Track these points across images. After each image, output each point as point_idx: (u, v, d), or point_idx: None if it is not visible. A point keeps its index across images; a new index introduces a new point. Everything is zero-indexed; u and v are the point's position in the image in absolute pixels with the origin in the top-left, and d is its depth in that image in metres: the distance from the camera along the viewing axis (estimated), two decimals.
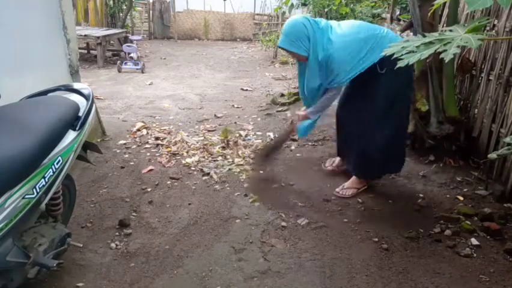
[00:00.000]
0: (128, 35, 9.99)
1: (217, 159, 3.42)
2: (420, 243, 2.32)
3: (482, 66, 3.27)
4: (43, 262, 1.68)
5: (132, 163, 3.36)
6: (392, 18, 4.72)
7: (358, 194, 2.85)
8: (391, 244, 2.30)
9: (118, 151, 3.59)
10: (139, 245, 2.26)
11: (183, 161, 3.39)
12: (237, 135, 4.02)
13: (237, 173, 3.18)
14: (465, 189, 2.94)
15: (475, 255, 2.21)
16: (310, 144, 3.80)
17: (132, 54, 7.98)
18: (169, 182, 3.03)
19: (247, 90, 6.42)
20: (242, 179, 3.08)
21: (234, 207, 2.68)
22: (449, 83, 3.29)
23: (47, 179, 1.58)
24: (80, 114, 1.84)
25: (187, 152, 3.58)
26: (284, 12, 12.43)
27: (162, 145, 3.73)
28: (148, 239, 2.33)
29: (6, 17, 2.61)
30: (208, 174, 3.16)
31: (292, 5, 9.99)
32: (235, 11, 15.07)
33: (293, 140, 3.98)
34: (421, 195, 2.86)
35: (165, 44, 12.86)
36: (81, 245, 2.19)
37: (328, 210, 2.66)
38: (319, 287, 1.96)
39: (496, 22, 3.13)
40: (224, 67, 8.72)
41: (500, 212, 2.55)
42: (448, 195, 2.87)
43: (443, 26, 3.49)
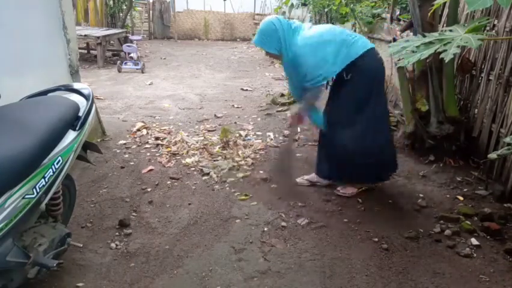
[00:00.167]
0: (128, 35, 9.99)
1: (217, 159, 3.42)
2: (420, 243, 2.33)
3: (482, 66, 3.27)
4: (43, 262, 1.68)
5: (132, 163, 3.36)
6: (392, 18, 4.71)
7: (358, 194, 2.84)
8: (391, 244, 2.30)
9: (118, 151, 3.59)
10: (139, 245, 2.26)
11: (183, 161, 3.39)
12: (237, 135, 4.02)
13: (237, 173, 3.18)
14: (465, 189, 2.94)
15: (475, 255, 2.22)
16: (310, 144, 3.80)
17: (132, 54, 7.97)
18: (169, 182, 3.03)
19: (247, 90, 6.42)
20: (242, 179, 3.09)
21: (234, 207, 2.68)
22: (449, 83, 3.29)
23: (47, 179, 1.58)
24: (80, 114, 1.84)
25: (187, 152, 3.58)
26: (284, 12, 12.43)
27: (162, 145, 3.73)
28: (148, 239, 2.33)
29: (6, 17, 2.61)
30: (208, 174, 3.16)
31: (292, 5, 10.00)
32: (235, 11, 15.07)
33: (293, 140, 3.98)
34: (421, 195, 2.86)
35: (165, 44, 12.86)
36: (81, 245, 2.20)
37: (328, 210, 2.66)
38: (319, 287, 1.96)
39: (496, 22, 3.13)
40: (224, 67, 8.72)
41: (500, 212, 2.56)
42: (448, 195, 2.87)
43: (443, 26, 3.49)
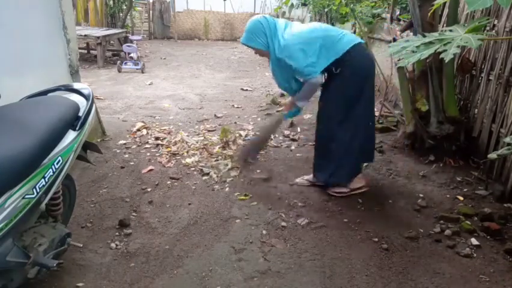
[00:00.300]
0: (128, 35, 9.99)
1: (217, 159, 3.42)
2: (420, 243, 2.33)
3: (482, 66, 3.27)
4: (43, 262, 1.68)
5: (132, 163, 3.36)
6: (392, 18, 4.71)
7: (358, 194, 2.84)
8: (391, 244, 2.30)
9: (118, 151, 3.59)
10: (139, 245, 2.26)
11: (183, 161, 3.39)
12: (237, 135, 4.02)
13: (237, 173, 3.18)
14: (465, 189, 2.94)
15: (475, 255, 2.22)
16: (310, 144, 3.80)
17: (132, 54, 7.97)
18: (169, 182, 3.03)
19: (247, 90, 6.42)
20: (242, 179, 3.09)
21: (234, 207, 2.68)
22: (449, 83, 3.30)
23: (47, 179, 1.58)
24: (80, 114, 1.84)
25: (187, 152, 3.58)
26: (284, 12, 12.43)
27: (162, 145, 3.73)
28: (148, 239, 2.33)
29: (6, 17, 2.61)
30: (208, 174, 3.16)
31: (292, 5, 10.00)
32: (235, 11, 15.07)
33: (293, 140, 3.99)
34: (421, 195, 2.87)
35: (165, 44, 12.86)
36: (81, 245, 2.20)
37: (328, 210, 2.66)
38: (319, 287, 1.96)
39: (496, 22, 3.13)
40: (224, 67, 8.72)
41: (500, 212, 2.56)
42: (448, 195, 2.87)
43: (443, 26, 3.49)
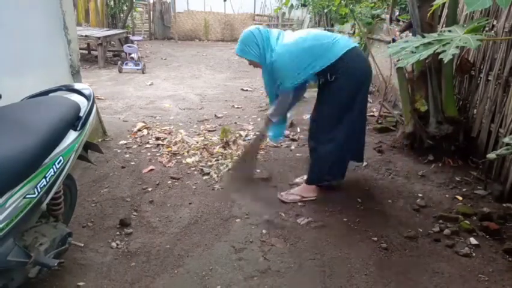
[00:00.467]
0: (128, 35, 10.02)
1: (217, 159, 3.43)
2: (419, 242, 2.33)
3: (481, 67, 3.28)
4: (44, 261, 1.68)
5: (133, 163, 3.37)
6: (391, 18, 4.72)
7: (357, 194, 2.85)
8: (390, 243, 2.31)
9: (118, 151, 3.60)
10: (140, 245, 2.27)
11: (184, 161, 3.40)
12: (237, 135, 4.03)
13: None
14: (464, 189, 2.95)
15: (474, 254, 2.23)
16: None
17: (133, 55, 7.99)
18: (169, 182, 3.04)
19: (247, 90, 6.43)
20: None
21: (234, 207, 2.69)
22: (448, 83, 3.30)
23: (48, 178, 1.58)
24: (81, 114, 1.84)
25: (188, 152, 3.59)
26: (284, 13, 12.45)
27: (163, 145, 3.74)
28: (149, 238, 2.34)
29: (6, 17, 2.62)
30: (208, 174, 3.17)
31: (292, 5, 10.03)
32: (235, 11, 15.09)
33: (293, 140, 3.99)
34: (420, 195, 2.87)
35: (166, 44, 12.88)
36: (82, 245, 2.21)
37: (328, 210, 2.66)
38: (319, 286, 1.97)
39: (495, 22, 3.14)
40: (224, 67, 8.73)
41: (499, 212, 2.57)
42: (447, 195, 2.88)
43: (442, 27, 3.50)
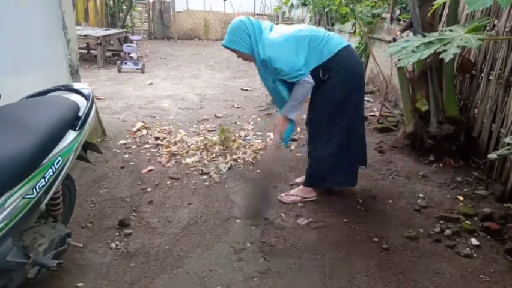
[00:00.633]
0: (128, 35, 9.99)
1: (217, 159, 3.42)
2: (420, 243, 2.33)
3: (482, 66, 3.27)
4: (43, 262, 1.67)
5: (132, 163, 3.36)
6: (392, 18, 4.72)
7: (358, 194, 2.85)
8: (391, 244, 2.30)
9: (118, 151, 3.59)
10: (139, 245, 2.26)
11: (183, 161, 3.39)
12: (237, 135, 4.02)
13: (236, 173, 3.18)
14: (465, 189, 2.94)
15: (475, 255, 2.22)
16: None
17: (132, 54, 7.97)
18: (169, 182, 3.03)
19: (247, 90, 6.42)
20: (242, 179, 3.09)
21: (234, 207, 2.68)
22: (449, 83, 3.30)
23: (47, 179, 1.58)
24: (80, 114, 1.83)
25: (187, 152, 3.57)
26: (284, 12, 12.43)
27: (162, 145, 3.73)
28: (148, 239, 2.33)
29: (6, 17, 2.61)
30: (208, 174, 3.16)
31: (292, 5, 10.01)
32: (235, 11, 15.07)
33: (293, 140, 3.98)
34: (421, 195, 2.87)
35: (165, 44, 12.86)
36: (81, 245, 2.20)
37: (328, 210, 2.66)
38: (319, 287, 1.96)
39: (496, 22, 3.13)
40: (224, 67, 8.72)
41: (500, 212, 2.56)
42: (448, 195, 2.87)
43: (443, 26, 3.49)
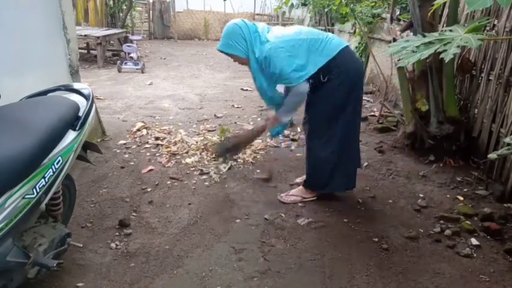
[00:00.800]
0: (128, 35, 10.00)
1: (217, 159, 3.42)
2: (420, 243, 2.33)
3: (482, 66, 3.27)
4: (43, 262, 1.67)
5: (132, 163, 3.36)
6: (392, 18, 4.72)
7: (358, 194, 2.85)
8: (391, 244, 2.30)
9: (118, 151, 3.59)
10: (139, 245, 2.26)
11: (183, 161, 3.39)
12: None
13: (236, 173, 3.17)
14: (465, 189, 2.94)
15: (475, 255, 2.22)
16: None
17: (132, 54, 7.97)
18: (169, 182, 3.03)
19: (247, 90, 6.42)
20: (242, 179, 3.09)
21: (234, 207, 2.68)
22: (449, 83, 3.30)
23: (47, 179, 1.57)
24: (80, 114, 1.83)
25: (187, 152, 3.58)
26: (284, 12, 12.43)
27: (162, 145, 3.73)
28: (148, 239, 2.33)
29: (6, 17, 2.61)
30: (208, 174, 3.16)
31: (292, 5, 10.01)
32: (235, 11, 15.08)
33: (293, 140, 3.99)
34: (421, 195, 2.87)
35: (165, 44, 12.86)
36: (81, 245, 2.19)
37: (328, 210, 2.66)
38: (319, 287, 1.96)
39: (496, 22, 3.13)
40: (224, 67, 8.72)
41: (500, 212, 2.56)
42: (448, 195, 2.87)
43: (443, 26, 3.49)
